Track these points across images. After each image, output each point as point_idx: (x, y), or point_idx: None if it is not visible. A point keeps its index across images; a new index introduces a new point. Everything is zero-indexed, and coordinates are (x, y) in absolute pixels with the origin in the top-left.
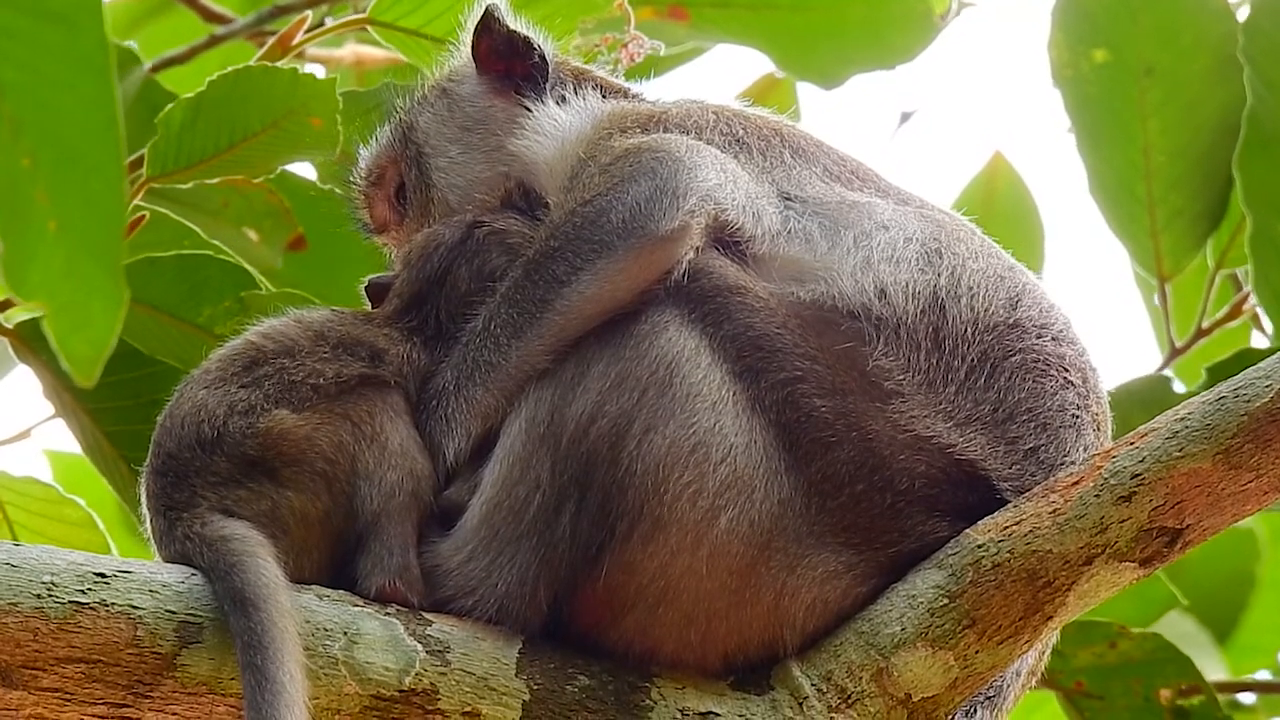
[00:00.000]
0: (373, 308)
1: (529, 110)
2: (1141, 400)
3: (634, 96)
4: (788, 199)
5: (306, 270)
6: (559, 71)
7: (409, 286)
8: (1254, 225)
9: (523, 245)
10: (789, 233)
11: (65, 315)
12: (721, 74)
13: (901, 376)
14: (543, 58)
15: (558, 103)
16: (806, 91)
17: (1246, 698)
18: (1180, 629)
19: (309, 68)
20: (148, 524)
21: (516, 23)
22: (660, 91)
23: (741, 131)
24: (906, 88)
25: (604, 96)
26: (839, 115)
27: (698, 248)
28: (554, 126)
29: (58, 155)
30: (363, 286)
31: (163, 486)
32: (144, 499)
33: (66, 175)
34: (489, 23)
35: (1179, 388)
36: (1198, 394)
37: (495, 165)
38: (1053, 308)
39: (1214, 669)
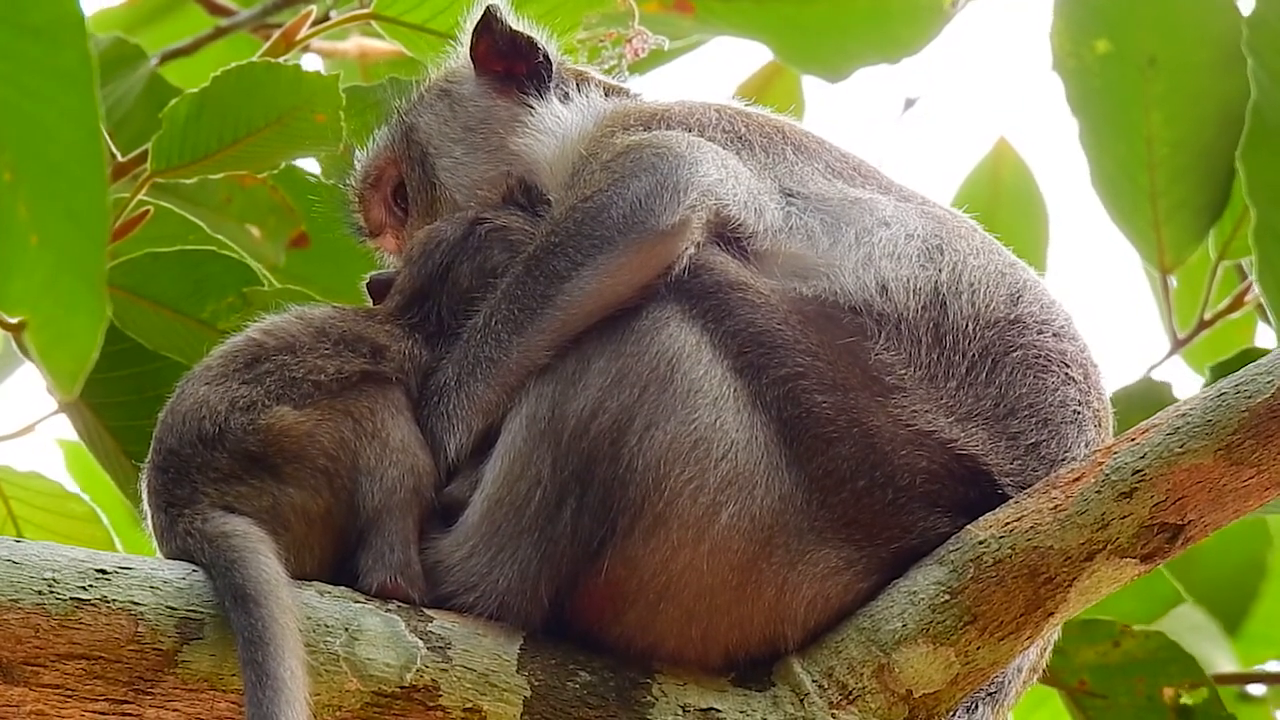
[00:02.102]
0: (374, 304)
1: (532, 108)
2: (1141, 405)
3: (634, 96)
4: (790, 195)
5: (309, 267)
6: (559, 70)
7: (411, 283)
8: (1257, 217)
9: (524, 241)
10: (791, 229)
11: (47, 329)
12: (723, 64)
13: (903, 371)
14: (546, 57)
15: (561, 101)
16: (811, 80)
17: (1256, 689)
18: (1190, 620)
19: (312, 61)
20: (149, 520)
21: (518, 22)
22: (661, 82)
23: (744, 129)
24: (912, 77)
25: (606, 96)
26: (844, 104)
27: (698, 243)
28: (557, 124)
29: (39, 169)
30: (364, 283)
31: (164, 483)
32: (145, 495)
33: (48, 190)
34: (490, 23)
35: (1179, 393)
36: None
37: (499, 164)
38: (1054, 304)
39: (1224, 660)
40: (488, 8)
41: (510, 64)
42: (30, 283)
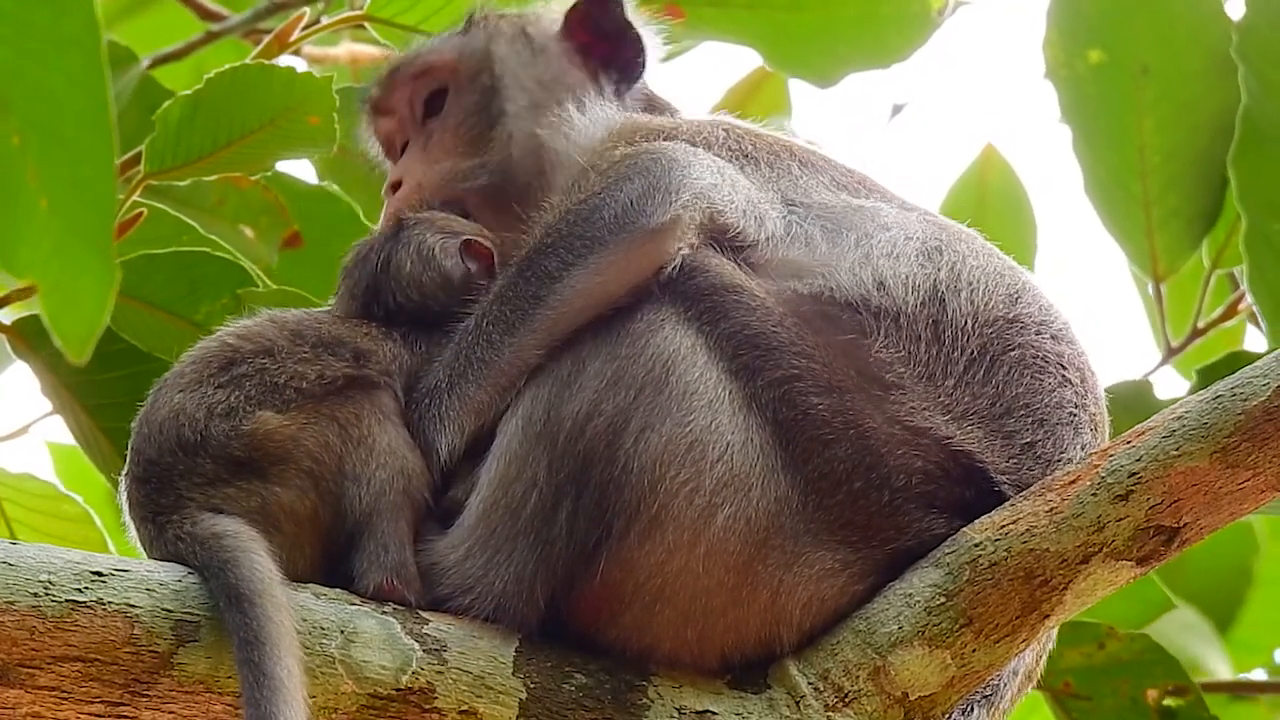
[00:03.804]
0: None
1: (593, 96)
2: (1124, 405)
3: (673, 112)
4: (792, 205)
5: (301, 268)
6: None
7: (359, 286)
8: (1248, 224)
9: (452, 225)
10: (791, 237)
11: (56, 294)
12: (710, 69)
13: (901, 369)
14: (642, 63)
15: (618, 101)
16: (798, 86)
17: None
18: (1182, 620)
19: (301, 65)
20: (133, 531)
21: (634, 14)
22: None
23: (751, 147)
24: (903, 83)
25: (645, 109)
26: (832, 110)
27: (692, 244)
28: (586, 127)
29: (47, 134)
30: None
31: (147, 493)
32: (126, 507)
33: (56, 154)
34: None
35: (1161, 393)
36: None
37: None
38: (1052, 307)
39: (1216, 660)
40: None
41: (598, 43)
42: (39, 247)
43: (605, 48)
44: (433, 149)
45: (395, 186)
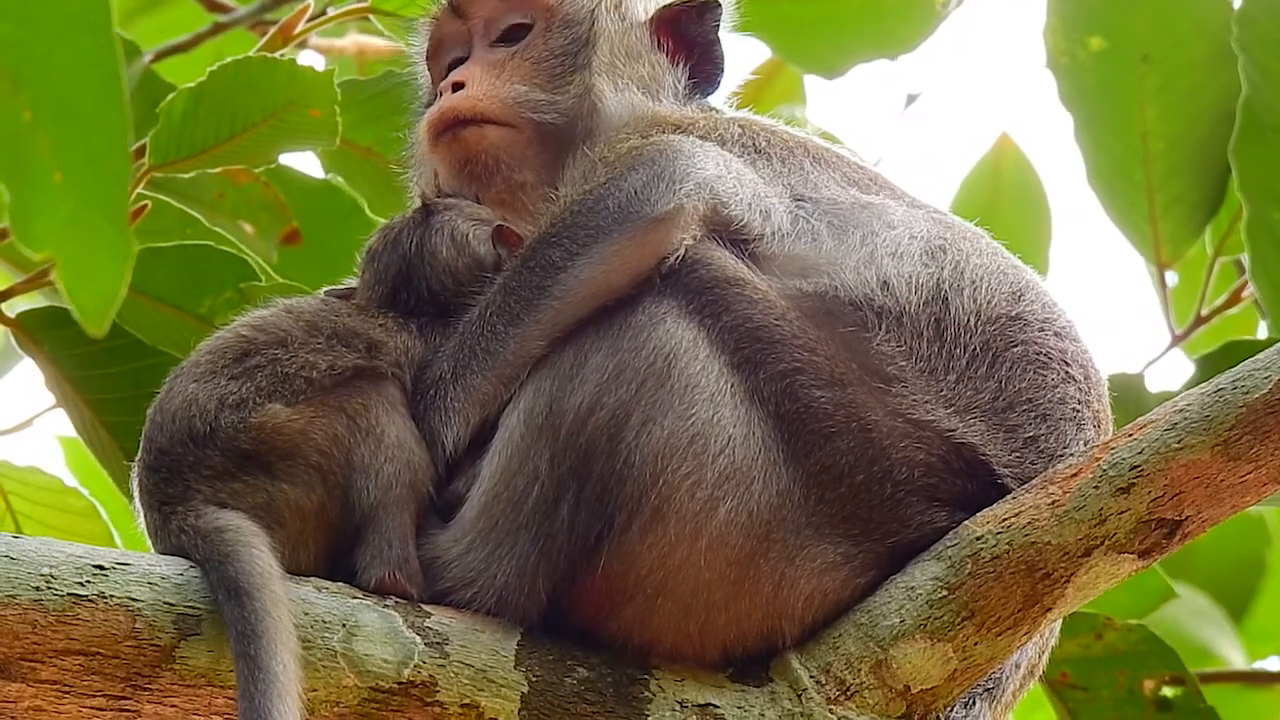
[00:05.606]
0: None
1: (668, 88)
2: (1116, 398)
3: (708, 110)
4: (800, 200)
5: (301, 264)
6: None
7: (388, 270)
8: (1250, 213)
9: (480, 211)
10: (797, 232)
11: (73, 266)
12: (726, 59)
13: (903, 363)
14: (720, 79)
15: (686, 102)
16: (813, 78)
17: None
18: (1194, 605)
19: (308, 57)
20: (141, 519)
21: (728, 33)
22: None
23: (765, 143)
24: (914, 74)
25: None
26: (847, 101)
27: (695, 235)
28: (624, 105)
29: (59, 109)
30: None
31: (156, 482)
32: (136, 494)
33: (68, 129)
34: (706, 10)
35: (1158, 385)
36: (1179, 390)
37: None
38: (1056, 305)
39: (1229, 645)
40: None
41: (679, 45)
42: (54, 221)
43: (684, 51)
44: (509, 70)
45: (457, 86)
